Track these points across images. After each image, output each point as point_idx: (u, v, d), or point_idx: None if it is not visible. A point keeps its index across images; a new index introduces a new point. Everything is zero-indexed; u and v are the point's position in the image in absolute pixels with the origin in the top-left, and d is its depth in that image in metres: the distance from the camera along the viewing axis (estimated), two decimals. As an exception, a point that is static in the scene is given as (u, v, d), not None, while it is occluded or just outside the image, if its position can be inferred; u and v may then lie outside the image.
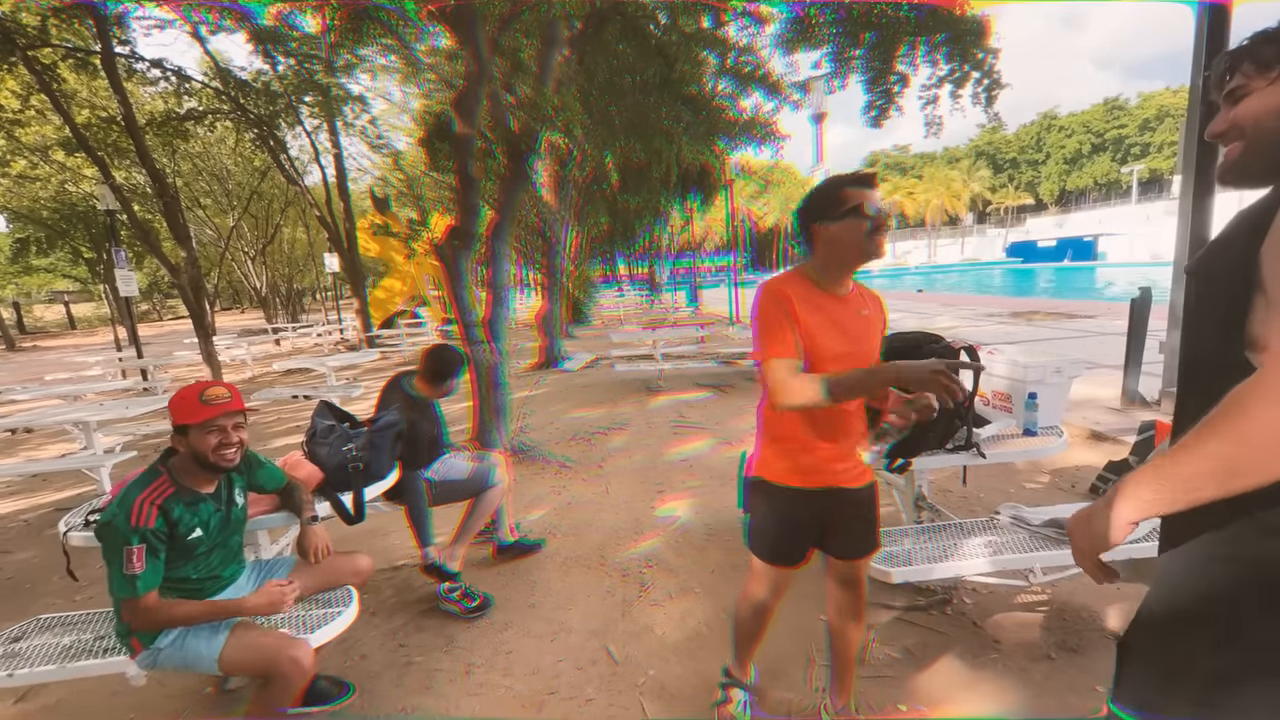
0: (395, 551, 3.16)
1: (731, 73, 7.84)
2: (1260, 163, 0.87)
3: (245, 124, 11.14)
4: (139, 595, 1.52)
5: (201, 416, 1.61)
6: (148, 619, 1.56)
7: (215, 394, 1.66)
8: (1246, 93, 0.86)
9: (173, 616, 1.59)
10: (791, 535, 1.54)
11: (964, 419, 2.22)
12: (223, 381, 1.81)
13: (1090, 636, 2.13)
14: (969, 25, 5.77)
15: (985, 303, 13.89)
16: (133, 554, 1.49)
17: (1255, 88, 0.85)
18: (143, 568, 1.51)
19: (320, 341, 14.38)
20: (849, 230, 1.37)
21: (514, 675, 2.13)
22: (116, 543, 1.50)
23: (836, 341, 1.40)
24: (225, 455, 1.66)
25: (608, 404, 6.37)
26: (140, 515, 1.53)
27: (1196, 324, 0.90)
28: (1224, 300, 0.83)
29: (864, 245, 1.37)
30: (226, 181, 16.88)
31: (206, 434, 1.63)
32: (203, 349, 8.12)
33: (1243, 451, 0.67)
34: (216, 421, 1.64)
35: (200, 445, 1.63)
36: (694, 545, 3.01)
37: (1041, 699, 1.86)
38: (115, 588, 1.53)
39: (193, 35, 10.13)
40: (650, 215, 11.85)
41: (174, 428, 1.65)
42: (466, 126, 3.95)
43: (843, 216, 1.36)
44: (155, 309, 38.03)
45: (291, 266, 22.98)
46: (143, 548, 1.51)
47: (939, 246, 45.55)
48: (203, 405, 1.62)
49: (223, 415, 1.64)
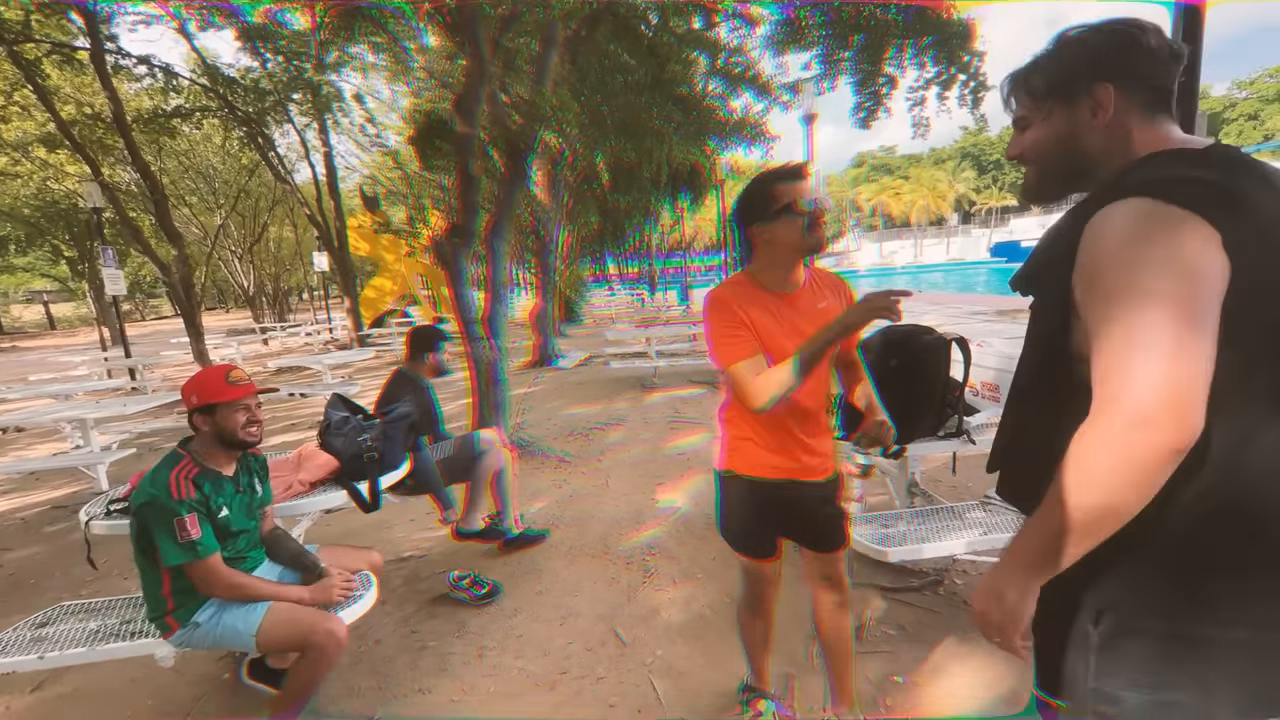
0: (402, 544, 3.21)
1: (722, 73, 7.95)
2: (1049, 188, 0.93)
3: (233, 121, 11.06)
4: (203, 557, 1.61)
5: (230, 395, 1.71)
6: (218, 581, 1.64)
7: (239, 376, 1.78)
8: (1028, 123, 0.91)
9: (241, 583, 1.68)
10: (756, 525, 1.54)
11: (955, 407, 2.33)
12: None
13: (1073, 612, 2.25)
14: (955, 28, 5.92)
15: (971, 301, 14.15)
16: (185, 522, 1.57)
17: (1034, 119, 0.90)
18: (199, 533, 1.58)
19: (310, 341, 14.29)
20: (785, 229, 1.33)
21: (526, 657, 2.20)
22: (165, 517, 1.57)
23: (793, 341, 1.34)
24: (251, 432, 1.77)
25: (603, 400, 6.44)
26: (180, 489, 1.60)
27: (1029, 331, 0.93)
28: (1048, 312, 0.86)
29: (802, 241, 1.34)
30: (213, 179, 16.69)
31: (235, 412, 1.72)
32: (194, 348, 8.07)
33: (1103, 497, 0.71)
34: (244, 400, 1.74)
35: (228, 423, 1.72)
36: (695, 534, 3.10)
37: (1028, 671, 1.96)
38: (173, 558, 1.58)
39: (179, 31, 10.05)
40: (641, 215, 11.94)
41: (198, 408, 1.73)
42: (467, 126, 4.00)
43: (776, 216, 1.33)
44: (138, 308, 37.40)
45: (279, 265, 22.77)
46: (194, 515, 1.59)
47: (925, 246, 46.15)
48: (230, 385, 1.72)
49: (249, 395, 1.76)
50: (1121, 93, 0.83)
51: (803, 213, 1.32)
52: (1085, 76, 0.85)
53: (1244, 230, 0.70)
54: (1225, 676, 0.78)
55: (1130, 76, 0.83)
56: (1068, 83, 0.86)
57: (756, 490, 1.49)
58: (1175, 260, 0.70)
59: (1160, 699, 0.80)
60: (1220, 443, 0.73)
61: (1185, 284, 0.69)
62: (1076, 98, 0.86)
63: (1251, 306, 0.71)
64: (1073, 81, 0.86)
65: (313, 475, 2.26)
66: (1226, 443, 0.74)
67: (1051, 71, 0.88)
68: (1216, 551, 0.77)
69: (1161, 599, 0.79)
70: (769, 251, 1.40)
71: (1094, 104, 0.85)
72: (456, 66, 6.98)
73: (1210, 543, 0.76)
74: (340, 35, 6.67)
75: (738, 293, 1.40)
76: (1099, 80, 0.84)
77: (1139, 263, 0.71)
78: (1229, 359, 0.71)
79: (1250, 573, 0.76)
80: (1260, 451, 0.74)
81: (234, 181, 16.45)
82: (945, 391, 2.35)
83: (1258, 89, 49.09)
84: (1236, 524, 0.76)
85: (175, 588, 1.65)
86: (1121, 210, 0.75)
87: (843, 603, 1.62)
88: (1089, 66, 0.85)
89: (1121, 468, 0.69)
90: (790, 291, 1.42)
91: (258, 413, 1.80)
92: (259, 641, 1.65)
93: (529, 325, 9.47)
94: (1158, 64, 0.83)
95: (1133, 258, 0.72)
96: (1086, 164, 0.88)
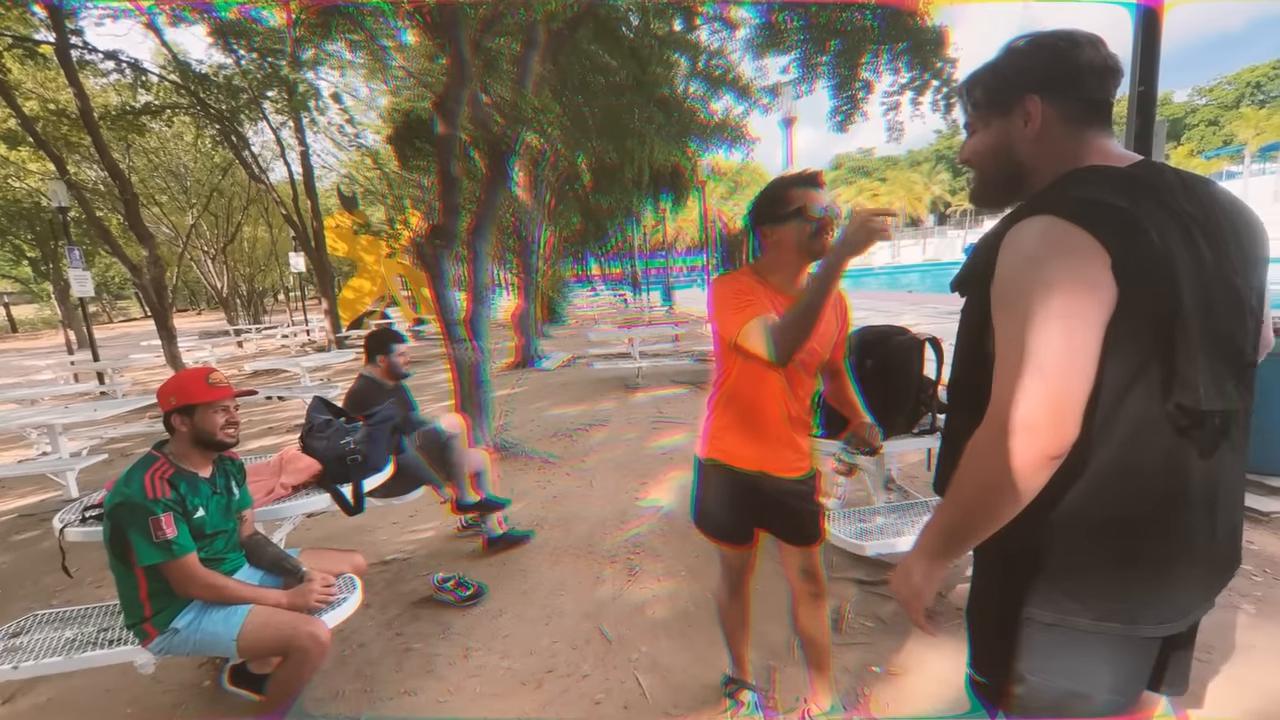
0: (385, 547, 3.20)
1: (702, 75, 8.03)
2: (990, 194, 0.97)
3: (205, 119, 10.80)
4: (179, 556, 1.60)
5: (210, 396, 1.73)
6: (195, 581, 1.63)
7: (219, 378, 1.80)
8: (974, 130, 0.95)
9: (219, 584, 1.67)
10: (733, 513, 1.57)
11: (929, 405, 2.40)
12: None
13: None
14: (929, 35, 6.06)
15: (947, 301, 14.45)
16: (161, 521, 1.56)
17: (977, 127, 0.95)
18: (175, 532, 1.58)
19: (287, 343, 14.03)
20: (793, 232, 1.39)
21: (511, 657, 2.21)
22: (139, 517, 1.56)
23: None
24: (229, 433, 1.79)
25: (587, 401, 6.45)
26: (155, 488, 1.60)
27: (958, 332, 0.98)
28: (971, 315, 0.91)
29: (808, 246, 1.39)
30: (185, 178, 16.27)
31: (214, 413, 1.74)
32: (166, 351, 7.88)
33: (987, 496, 0.79)
34: (223, 402, 1.76)
35: (207, 424, 1.73)
36: (678, 532, 3.14)
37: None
38: (147, 558, 1.57)
39: (148, 26, 9.79)
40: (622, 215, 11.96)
41: (177, 409, 1.72)
42: (449, 127, 3.99)
43: (787, 219, 1.39)
44: (105, 310, 36.30)
45: (253, 266, 22.29)
46: (170, 514, 1.58)
47: (902, 247, 46.93)
48: (210, 387, 1.74)
49: (228, 397, 1.78)
50: (1050, 104, 0.87)
51: (813, 218, 1.37)
52: (1017, 88, 0.88)
53: (1133, 254, 0.75)
54: (1103, 663, 0.86)
55: (1059, 89, 0.87)
56: (1002, 93, 0.90)
57: (736, 480, 1.53)
58: (1070, 280, 0.75)
59: (1051, 684, 0.88)
60: (1100, 452, 0.80)
61: (1077, 303, 0.74)
62: (1010, 108, 0.89)
63: (1129, 327, 0.76)
64: (1006, 92, 0.90)
65: (295, 479, 2.25)
66: (1105, 451, 0.80)
67: (989, 82, 0.92)
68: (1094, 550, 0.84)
69: (1048, 593, 0.86)
70: (776, 252, 1.45)
71: (1024, 114, 0.88)
72: (436, 66, 6.93)
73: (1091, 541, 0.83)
74: (316, 32, 6.59)
75: (744, 282, 1.44)
76: (1028, 92, 0.87)
77: (1038, 280, 0.76)
78: (1111, 374, 0.77)
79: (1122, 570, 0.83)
80: (1128, 463, 0.80)
81: (206, 180, 16.05)
82: (919, 390, 2.42)
83: (1217, 95, 50.89)
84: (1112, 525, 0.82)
85: (152, 591, 1.64)
86: (1030, 227, 0.80)
87: (819, 595, 1.64)
88: (1021, 77, 0.88)
89: (1003, 470, 0.76)
90: (793, 293, 1.44)
91: (236, 414, 1.82)
92: (240, 646, 1.64)
93: (511, 326, 9.44)
94: (1089, 76, 0.86)
95: (1033, 275, 0.77)
96: (1020, 173, 0.92)
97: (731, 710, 1.82)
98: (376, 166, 9.56)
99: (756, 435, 1.50)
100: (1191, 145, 43.29)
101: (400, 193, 10.17)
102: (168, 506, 1.59)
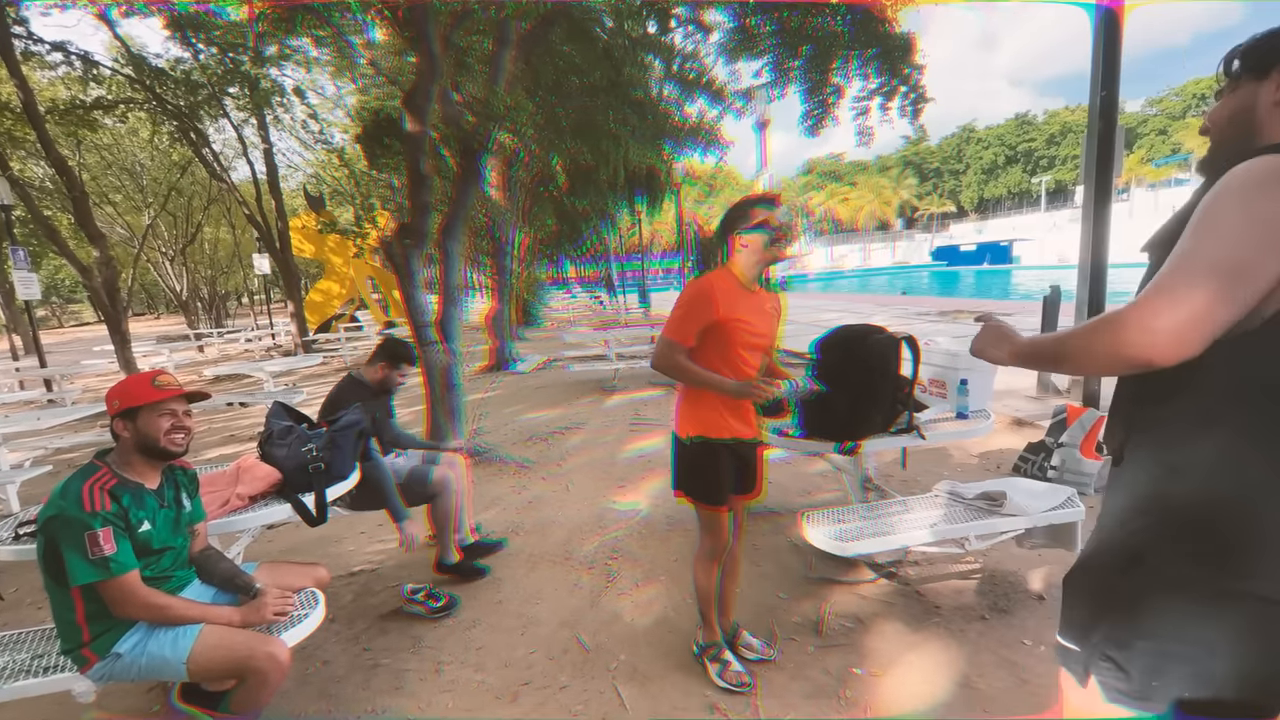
0: (352, 558, 3.07)
1: (676, 78, 8.03)
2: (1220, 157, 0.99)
3: (162, 115, 10.38)
4: (117, 575, 1.46)
5: (154, 398, 1.60)
6: (134, 602, 1.50)
7: (167, 380, 1.66)
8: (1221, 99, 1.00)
9: (162, 604, 1.54)
10: (722, 478, 1.87)
11: (906, 404, 2.41)
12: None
13: (1018, 598, 2.36)
14: (897, 42, 6.18)
15: (915, 303, 14.77)
16: (98, 536, 1.43)
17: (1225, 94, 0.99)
18: (113, 548, 1.44)
19: (251, 347, 13.56)
20: (756, 240, 1.77)
21: (486, 670, 2.14)
22: (74, 531, 1.43)
23: (757, 325, 1.82)
24: (175, 439, 1.64)
25: (563, 404, 6.37)
26: (93, 500, 1.46)
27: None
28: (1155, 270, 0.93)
29: (769, 251, 1.78)
30: (140, 176, 15.61)
31: (159, 416, 1.61)
32: (120, 356, 7.52)
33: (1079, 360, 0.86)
34: (169, 404, 1.62)
35: (150, 428, 1.59)
36: (657, 535, 3.10)
37: (978, 655, 2.05)
38: (82, 576, 1.44)
39: (99, 17, 9.38)
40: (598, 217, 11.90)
41: (120, 413, 1.60)
42: (418, 124, 3.89)
43: (751, 230, 1.77)
44: (55, 314, 34.64)
45: (215, 268, 21.50)
46: (109, 529, 1.45)
47: (872, 250, 47.90)
48: (155, 389, 1.61)
49: (175, 399, 1.64)
50: None
51: (772, 228, 1.76)
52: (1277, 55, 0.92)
53: None
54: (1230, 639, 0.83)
55: None
56: (1263, 57, 0.94)
57: (724, 451, 1.86)
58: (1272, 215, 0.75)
59: (1165, 650, 0.87)
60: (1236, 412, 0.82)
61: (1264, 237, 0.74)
62: (1267, 72, 0.92)
63: None
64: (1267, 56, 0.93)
65: (252, 489, 2.13)
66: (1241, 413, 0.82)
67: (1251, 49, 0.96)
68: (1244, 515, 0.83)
69: (1188, 554, 0.86)
70: (743, 255, 1.81)
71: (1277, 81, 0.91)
72: (406, 63, 6.78)
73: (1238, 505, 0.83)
74: (280, 28, 6.37)
75: (723, 283, 1.80)
76: None
77: (1245, 206, 0.77)
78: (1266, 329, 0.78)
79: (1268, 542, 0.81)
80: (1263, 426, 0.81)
81: (164, 179, 15.41)
82: (896, 389, 2.43)
83: (1165, 106, 53.29)
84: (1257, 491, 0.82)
85: (90, 613, 1.50)
86: (1251, 162, 0.81)
87: (740, 534, 2.05)
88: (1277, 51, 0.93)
89: (1107, 350, 0.80)
90: (754, 291, 1.86)
91: (185, 420, 1.67)
92: (191, 669, 1.52)
93: (485, 329, 9.28)
94: None
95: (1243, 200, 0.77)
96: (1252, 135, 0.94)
97: (721, 670, 1.96)
98: (344, 165, 9.30)
99: (728, 409, 1.85)
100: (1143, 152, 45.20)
101: (369, 192, 9.93)
102: (107, 520, 1.46)
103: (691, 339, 1.77)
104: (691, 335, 1.77)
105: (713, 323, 1.75)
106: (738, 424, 1.86)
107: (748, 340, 1.80)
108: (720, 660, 1.98)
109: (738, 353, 1.80)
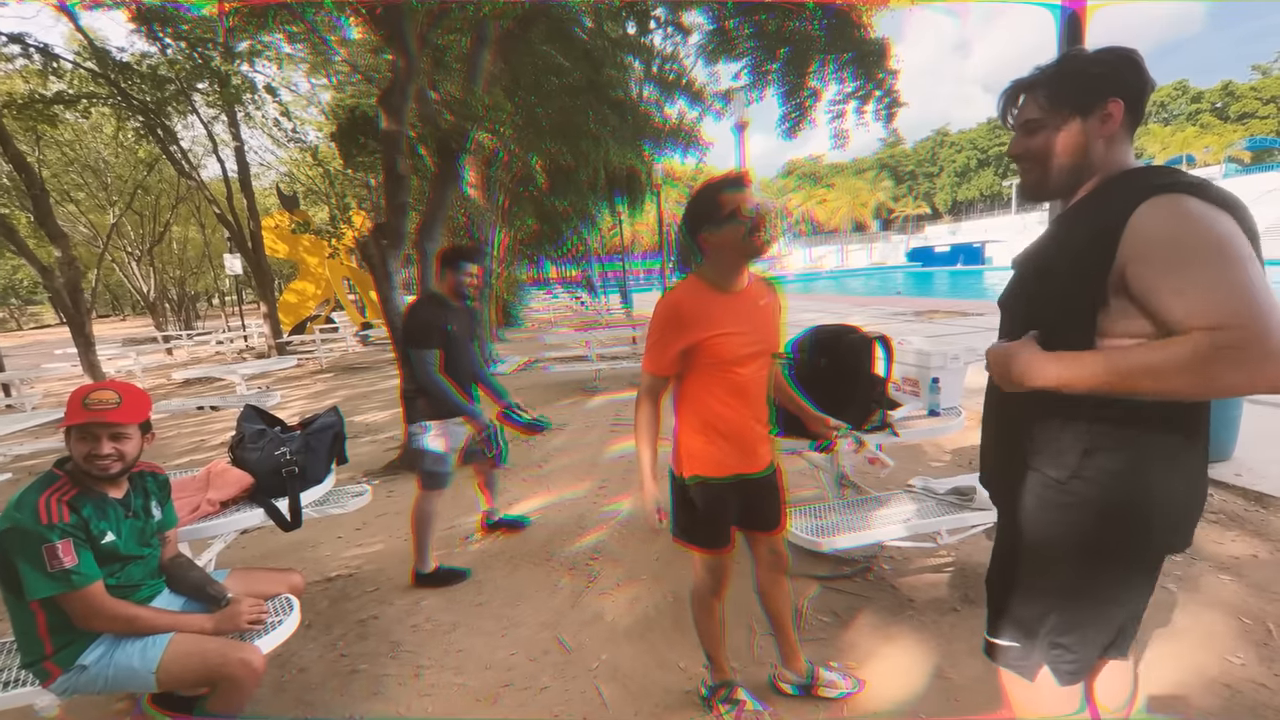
0: (328, 563, 3.03)
1: (656, 79, 8.06)
2: (1049, 187, 1.05)
3: (127, 111, 10.05)
4: (79, 588, 1.41)
5: (78, 419, 1.49)
6: (100, 614, 1.45)
7: (99, 398, 1.51)
8: (1039, 126, 1.01)
9: (130, 614, 1.48)
10: (716, 521, 1.64)
11: (880, 402, 2.46)
12: (124, 385, 1.62)
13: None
14: (872, 46, 6.29)
15: (892, 303, 15.03)
16: (57, 549, 1.38)
17: (1048, 123, 1.01)
18: (74, 560, 1.39)
19: (223, 349, 13.22)
20: (731, 234, 1.46)
21: (466, 673, 2.12)
22: (29, 544, 1.37)
23: (743, 335, 1.52)
24: (97, 464, 1.51)
25: (544, 406, 6.34)
26: (50, 512, 1.41)
27: (1027, 312, 1.05)
28: (1060, 296, 0.97)
29: (746, 244, 1.47)
30: (105, 174, 15.10)
31: (78, 440, 1.50)
32: (83, 360, 7.26)
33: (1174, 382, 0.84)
34: (91, 429, 1.49)
35: (74, 450, 1.51)
36: (638, 536, 3.11)
37: (950, 645, 2.10)
38: (40, 590, 1.38)
39: (60, 9, 9.06)
40: (578, 218, 11.87)
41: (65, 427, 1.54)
42: (394, 123, 3.84)
43: (723, 223, 1.46)
44: (13, 316, 33.35)
45: (184, 269, 20.90)
46: (69, 541, 1.40)
47: (850, 252, 48.60)
48: (83, 408, 1.49)
49: (97, 424, 1.49)
50: (1126, 109, 0.97)
51: (746, 218, 1.44)
52: (1101, 91, 0.96)
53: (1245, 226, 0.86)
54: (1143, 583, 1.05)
55: (1135, 96, 0.97)
56: (1086, 94, 0.98)
57: (725, 490, 1.61)
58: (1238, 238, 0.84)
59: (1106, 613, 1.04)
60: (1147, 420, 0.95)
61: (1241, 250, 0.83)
62: (1092, 108, 0.97)
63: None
64: (1090, 93, 0.97)
65: (223, 494, 2.09)
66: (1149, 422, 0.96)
67: (1066, 83, 0.99)
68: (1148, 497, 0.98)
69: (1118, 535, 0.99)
70: (717, 255, 1.52)
71: (1105, 115, 0.96)
72: (382, 61, 6.69)
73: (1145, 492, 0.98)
74: (252, 24, 6.23)
75: (692, 296, 1.52)
76: (1113, 95, 0.96)
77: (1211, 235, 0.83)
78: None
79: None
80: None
81: (130, 176, 14.91)
82: (870, 387, 2.47)
83: (1128, 112, 55.05)
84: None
85: (53, 626, 1.46)
86: (1168, 202, 0.86)
87: (783, 569, 1.83)
88: (1105, 82, 0.97)
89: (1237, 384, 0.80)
90: (738, 291, 1.56)
91: (108, 445, 1.51)
92: (161, 679, 1.48)
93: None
94: (1149, 89, 0.97)
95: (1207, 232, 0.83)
96: (1084, 167, 1.00)
97: (733, 713, 1.77)
98: (318, 164, 9.12)
99: (729, 443, 1.59)
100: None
101: (344, 191, 9.76)
102: (65, 532, 1.40)
103: (669, 367, 1.54)
104: (668, 363, 1.53)
105: (689, 345, 1.50)
106: (744, 461, 1.61)
107: (737, 353, 1.52)
108: (732, 700, 1.79)
109: (731, 372, 1.53)
